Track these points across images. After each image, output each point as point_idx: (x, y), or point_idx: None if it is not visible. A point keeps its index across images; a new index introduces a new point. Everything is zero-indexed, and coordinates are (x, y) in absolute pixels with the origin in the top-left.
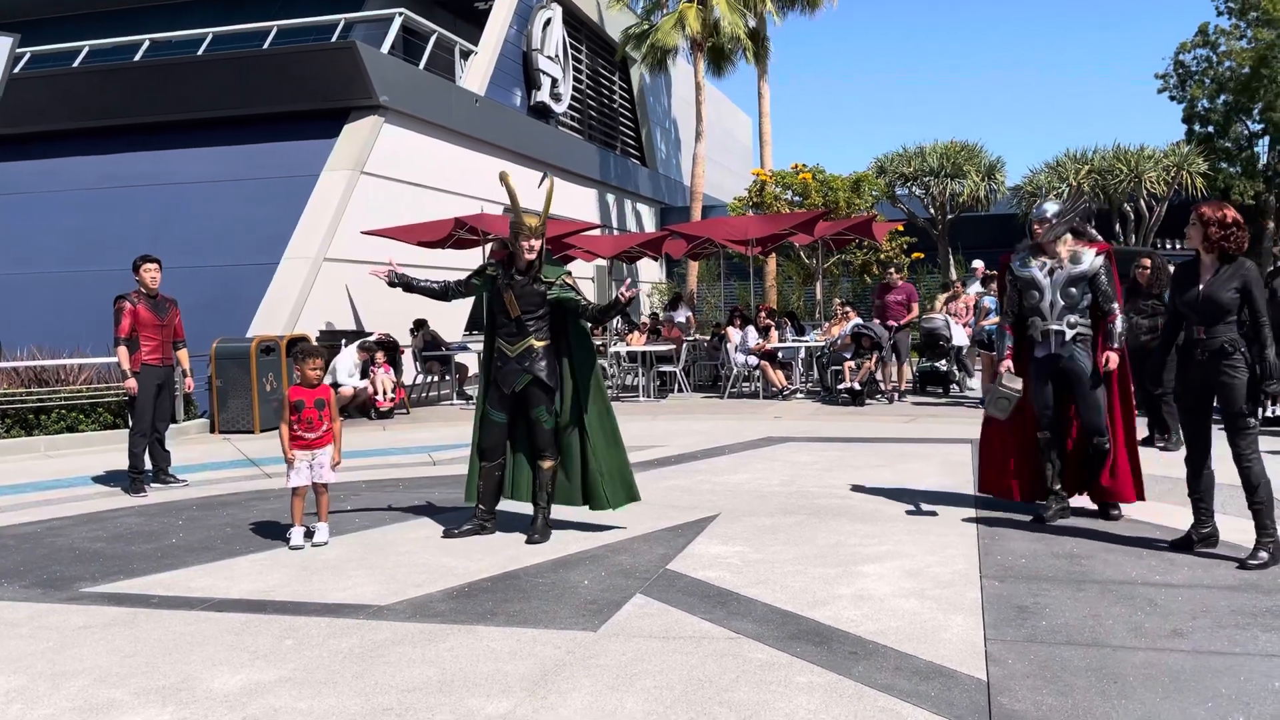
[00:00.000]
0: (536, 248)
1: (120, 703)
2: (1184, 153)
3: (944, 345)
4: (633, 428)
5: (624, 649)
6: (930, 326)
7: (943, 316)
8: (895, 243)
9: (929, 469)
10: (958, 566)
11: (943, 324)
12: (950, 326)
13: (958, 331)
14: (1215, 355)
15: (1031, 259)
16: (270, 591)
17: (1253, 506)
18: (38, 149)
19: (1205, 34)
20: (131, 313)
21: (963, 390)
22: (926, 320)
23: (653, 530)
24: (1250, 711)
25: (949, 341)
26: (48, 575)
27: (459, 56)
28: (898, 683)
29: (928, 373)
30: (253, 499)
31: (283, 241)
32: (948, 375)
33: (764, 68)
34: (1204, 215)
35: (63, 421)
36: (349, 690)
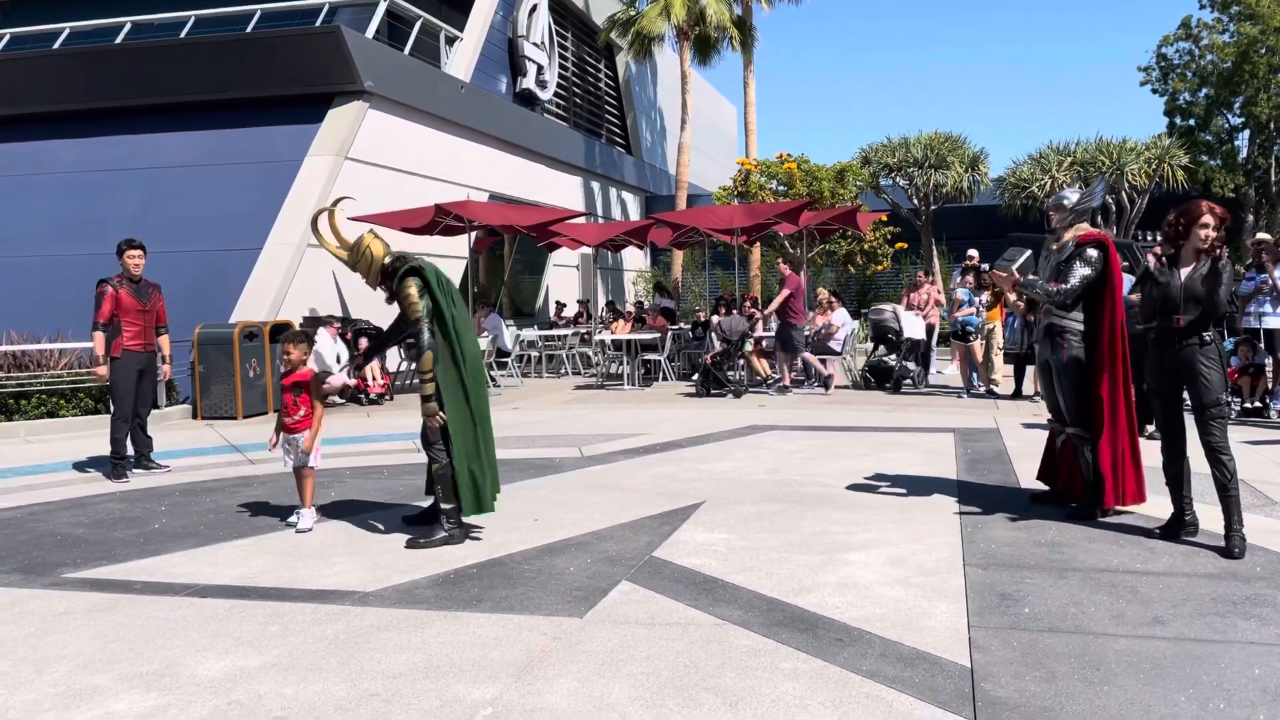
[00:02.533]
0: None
1: (103, 689)
2: (1165, 145)
3: (892, 339)
4: (618, 416)
5: (610, 635)
6: (877, 319)
7: (891, 308)
8: (879, 233)
9: (913, 458)
10: (941, 554)
11: (890, 316)
12: (900, 319)
13: (913, 324)
14: (1193, 345)
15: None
16: (254, 577)
17: (1222, 496)
18: (17, 132)
19: (1188, 27)
20: (113, 297)
21: (917, 385)
22: (874, 312)
23: (638, 518)
24: (1230, 698)
25: (898, 335)
26: (29, 561)
27: (444, 42)
28: (882, 669)
29: (875, 367)
30: (236, 485)
31: (266, 227)
32: (893, 370)
33: (750, 56)
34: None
35: (43, 406)
36: (334, 676)
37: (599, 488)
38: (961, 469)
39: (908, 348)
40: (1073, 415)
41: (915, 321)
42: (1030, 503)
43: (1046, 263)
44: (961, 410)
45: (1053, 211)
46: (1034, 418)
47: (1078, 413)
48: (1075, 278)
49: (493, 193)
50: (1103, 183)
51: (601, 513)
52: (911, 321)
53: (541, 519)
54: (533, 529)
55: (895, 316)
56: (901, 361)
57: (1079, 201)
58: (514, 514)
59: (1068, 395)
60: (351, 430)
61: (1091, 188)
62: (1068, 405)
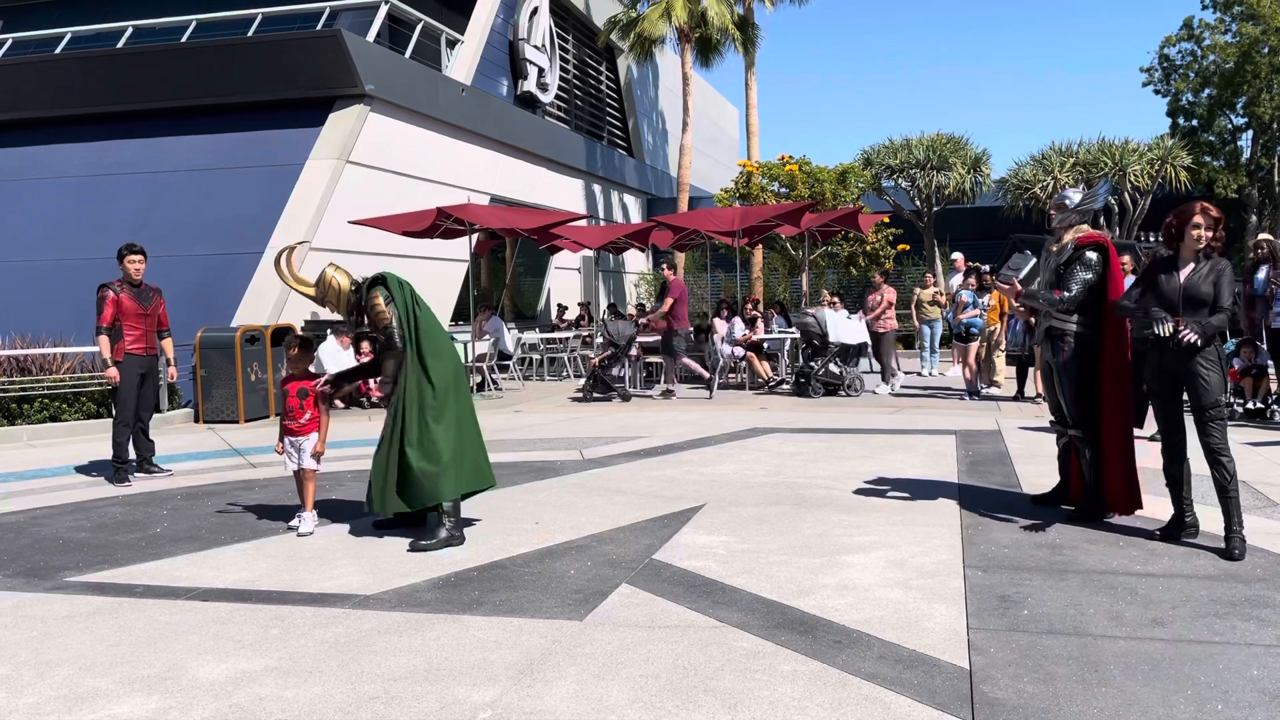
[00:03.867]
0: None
1: (105, 692)
2: (1168, 146)
3: (817, 344)
4: (619, 418)
5: (610, 638)
6: (800, 322)
7: (815, 313)
8: (881, 235)
9: (913, 460)
10: (941, 556)
11: (813, 320)
12: (826, 323)
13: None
14: (1190, 348)
15: (1054, 245)
16: (256, 581)
17: (1221, 497)
18: (20, 136)
19: (1190, 28)
20: (114, 302)
21: (848, 392)
22: (799, 315)
23: (638, 520)
24: (1229, 699)
25: (823, 339)
26: (31, 565)
27: (445, 45)
28: (881, 671)
29: (801, 372)
30: (238, 489)
31: (267, 230)
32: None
33: (752, 58)
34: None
35: (45, 411)
36: (335, 679)
37: (600, 491)
38: (963, 471)
39: (836, 352)
40: (1074, 417)
41: (851, 325)
42: (1031, 505)
43: (1045, 264)
44: (963, 412)
45: (1054, 210)
46: (1035, 420)
47: (1079, 415)
48: (1076, 284)
49: (494, 195)
50: (1107, 184)
51: (602, 516)
52: (845, 325)
53: (542, 522)
54: (533, 532)
55: (818, 321)
56: (826, 366)
57: (1081, 202)
58: (514, 517)
59: (1068, 397)
60: (353, 434)
61: (1095, 189)
62: (1069, 407)
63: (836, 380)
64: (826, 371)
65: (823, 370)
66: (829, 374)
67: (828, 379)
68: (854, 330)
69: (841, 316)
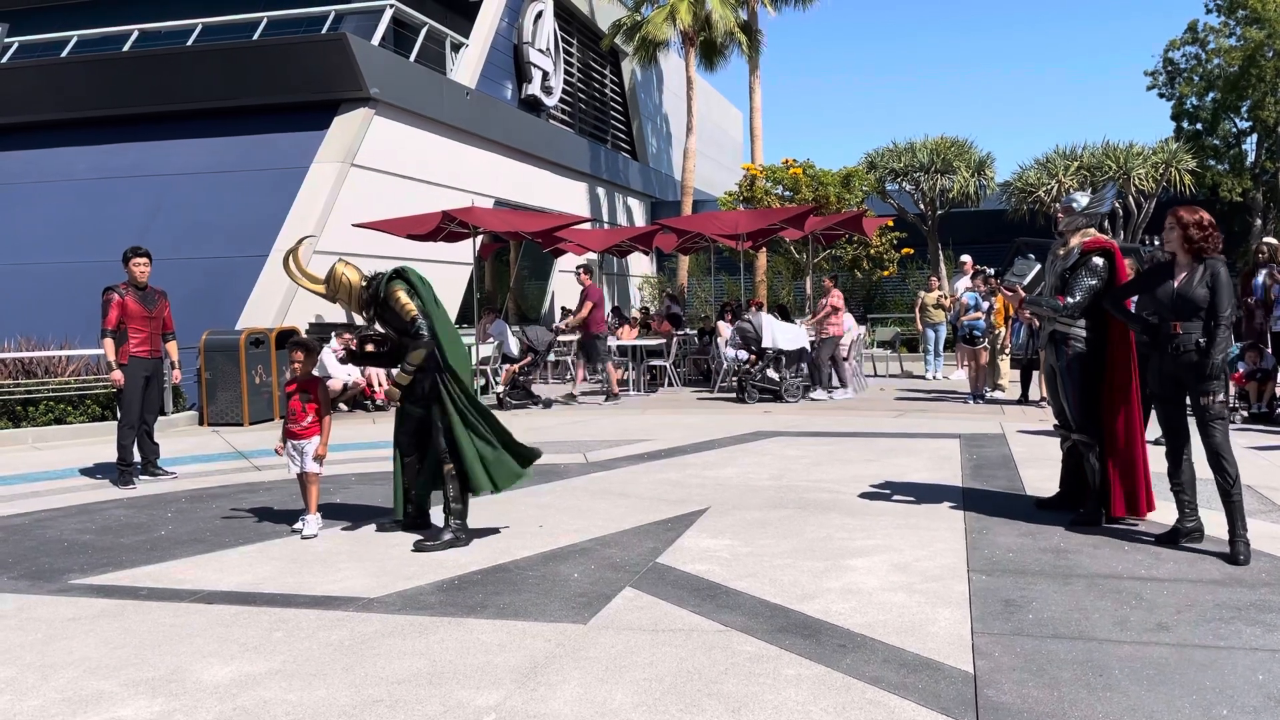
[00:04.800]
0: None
1: (110, 694)
2: (1173, 150)
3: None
4: (623, 421)
5: (614, 641)
6: (738, 327)
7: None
8: (885, 238)
9: (918, 464)
10: (945, 560)
11: (749, 326)
12: (763, 328)
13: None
14: (1189, 351)
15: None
16: (260, 583)
17: (1225, 501)
18: (26, 139)
19: (1195, 32)
20: (119, 305)
21: (784, 398)
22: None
23: (642, 524)
24: (1234, 704)
25: (759, 344)
26: (36, 567)
27: (450, 49)
28: (886, 675)
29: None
30: (242, 492)
31: (272, 233)
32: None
33: (756, 62)
34: (1182, 218)
35: (50, 413)
36: (339, 682)
37: (603, 494)
38: (967, 475)
39: (771, 357)
40: (1077, 421)
41: (789, 331)
42: (1035, 509)
43: (1051, 267)
44: (968, 416)
45: (1061, 214)
46: (1039, 424)
47: (1082, 418)
48: (1081, 291)
49: (498, 199)
50: (1114, 188)
51: (605, 519)
52: (782, 331)
53: (546, 525)
54: (537, 535)
55: (755, 326)
56: (764, 371)
57: (1088, 206)
58: (518, 520)
59: (1071, 401)
60: (357, 436)
61: (1102, 192)
62: (1072, 411)
63: (774, 386)
64: (764, 377)
65: (760, 376)
66: (766, 379)
67: (765, 384)
68: (792, 336)
69: (779, 322)
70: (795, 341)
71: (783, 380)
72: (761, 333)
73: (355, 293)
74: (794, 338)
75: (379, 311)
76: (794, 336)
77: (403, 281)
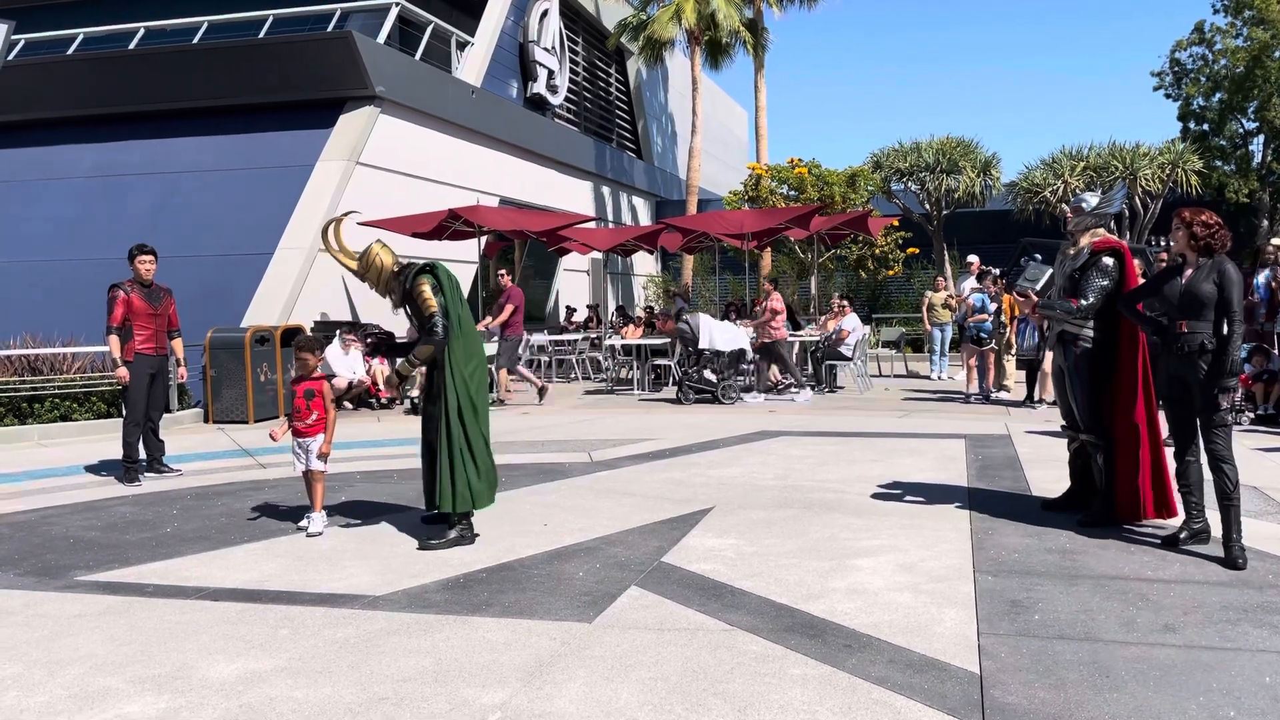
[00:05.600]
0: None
1: (116, 690)
2: (1179, 150)
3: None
4: (627, 421)
5: (619, 640)
6: (676, 327)
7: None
8: (890, 238)
9: (923, 464)
10: (951, 561)
11: (687, 328)
12: (700, 329)
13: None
14: (1194, 351)
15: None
16: (265, 581)
17: (1222, 505)
18: (32, 136)
19: (1201, 32)
20: (125, 302)
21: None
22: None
23: (647, 523)
24: (1240, 706)
25: (695, 344)
26: (42, 564)
27: (455, 47)
28: (891, 675)
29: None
30: (247, 489)
31: (278, 231)
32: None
33: (761, 61)
34: (1187, 218)
35: (56, 410)
36: (345, 680)
37: (608, 493)
38: (972, 475)
39: (708, 358)
40: (1085, 421)
41: (727, 333)
42: (1041, 510)
43: (1060, 268)
44: (973, 416)
45: (1071, 213)
46: (1045, 424)
47: (1090, 419)
48: (1094, 293)
49: (503, 197)
50: (1123, 188)
51: (610, 518)
52: (720, 332)
53: (550, 524)
54: (541, 534)
55: (692, 327)
56: (700, 372)
57: (1098, 206)
58: (523, 519)
59: (1080, 401)
60: (362, 435)
61: (1111, 193)
62: (1080, 411)
63: (711, 387)
64: (701, 378)
65: (697, 377)
66: (703, 381)
67: (701, 386)
68: (730, 337)
69: (718, 323)
70: (733, 343)
71: (720, 382)
72: (699, 333)
73: (385, 275)
74: (732, 339)
75: (404, 299)
76: (732, 337)
77: (430, 277)
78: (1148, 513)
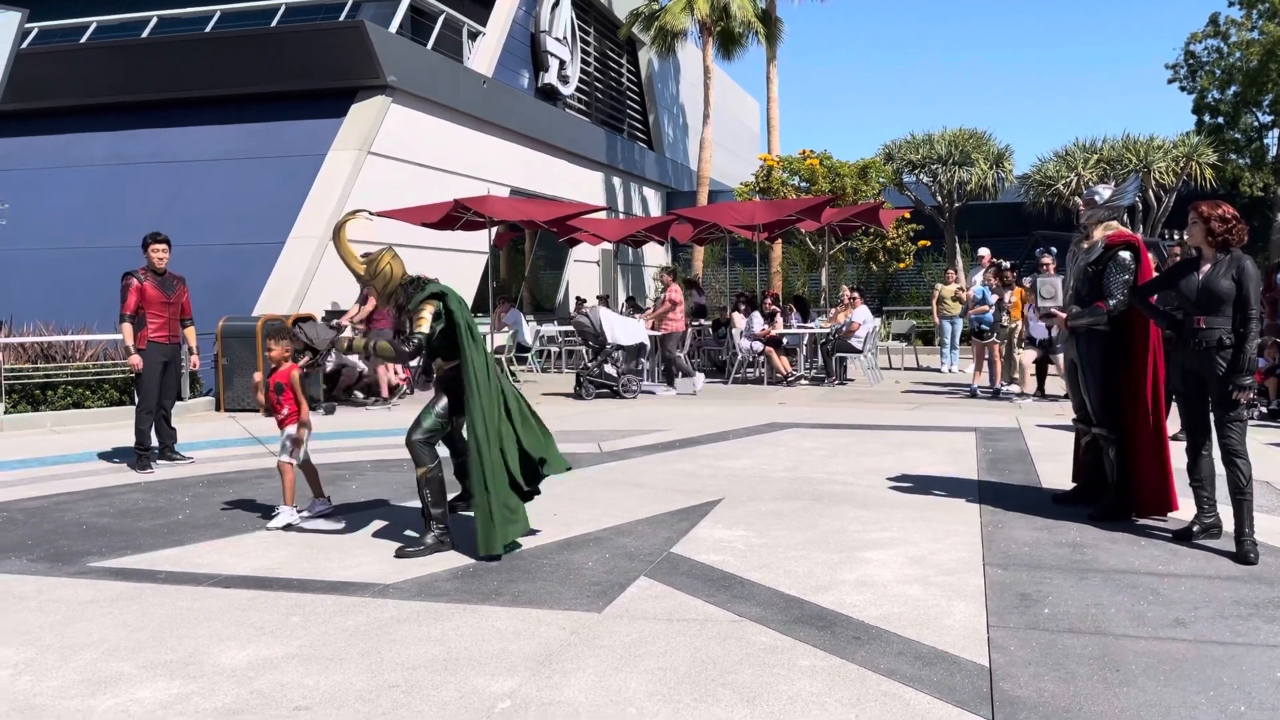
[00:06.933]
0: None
1: (128, 675)
2: (1193, 143)
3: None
4: (637, 412)
5: (628, 630)
6: (575, 321)
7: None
8: (902, 230)
9: (933, 457)
10: (961, 554)
11: (587, 321)
12: (601, 322)
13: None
14: (1211, 347)
15: (1083, 242)
16: (277, 568)
17: (1235, 499)
18: (44, 125)
19: (1216, 24)
20: (138, 290)
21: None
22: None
23: (656, 514)
24: (1251, 701)
25: (597, 339)
26: (55, 549)
27: (467, 37)
28: (900, 667)
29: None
30: (259, 477)
31: (289, 220)
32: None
33: (774, 51)
34: (1204, 212)
35: (69, 397)
36: (355, 667)
37: (617, 484)
38: (983, 468)
39: (610, 352)
40: (1098, 415)
41: (628, 326)
42: (1052, 503)
43: (1073, 262)
44: (983, 409)
45: (1083, 206)
46: (1056, 418)
47: (1103, 413)
48: (1120, 291)
49: (514, 188)
50: (1136, 181)
51: (620, 508)
52: (621, 326)
53: (560, 514)
54: (551, 524)
55: (593, 321)
56: (601, 367)
57: (1111, 198)
58: (533, 509)
59: (1093, 395)
60: (372, 424)
61: (1124, 185)
62: (1093, 405)
63: (611, 382)
64: (601, 373)
65: (597, 372)
66: (604, 375)
67: (602, 380)
68: (631, 331)
69: (619, 317)
70: (634, 337)
71: (620, 377)
72: (601, 328)
73: (391, 284)
74: (633, 333)
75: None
76: (633, 332)
77: (439, 302)
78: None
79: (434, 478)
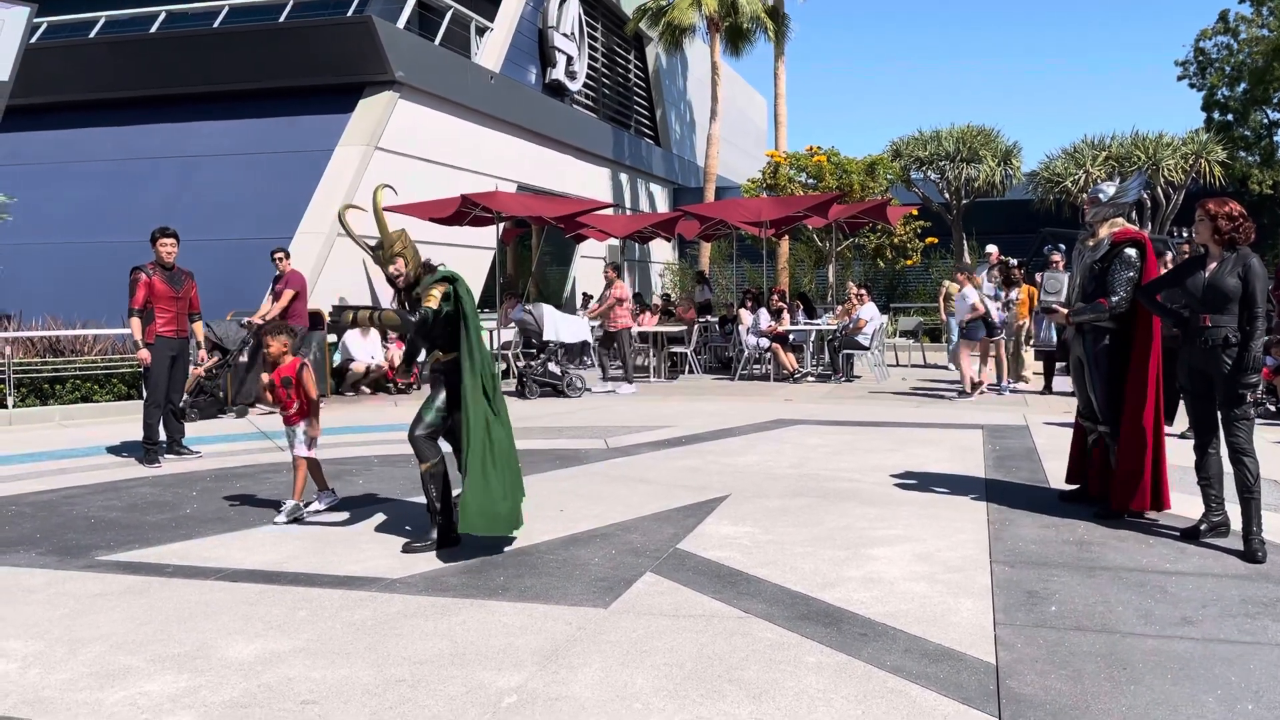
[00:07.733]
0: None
1: (136, 669)
2: (1202, 141)
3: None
4: (643, 408)
5: (634, 626)
6: (518, 319)
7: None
8: (909, 227)
9: (940, 454)
10: (968, 551)
11: (530, 319)
12: (544, 321)
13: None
14: (1218, 345)
15: (1089, 240)
16: (284, 563)
17: (1243, 498)
18: (53, 120)
19: (1226, 21)
20: (146, 284)
21: (567, 393)
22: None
23: (663, 510)
24: (1259, 699)
25: (540, 337)
26: (64, 543)
27: (474, 32)
28: (907, 664)
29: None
30: (266, 471)
31: (297, 216)
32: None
33: (781, 47)
34: (1211, 210)
35: (77, 391)
36: (362, 661)
37: (624, 480)
38: (989, 466)
39: (551, 351)
40: (1104, 413)
41: (570, 324)
42: (1059, 501)
43: (1080, 260)
44: (990, 407)
45: (1088, 204)
46: (1063, 415)
47: (1109, 410)
48: (1123, 287)
49: (521, 183)
50: (1140, 178)
51: (626, 504)
52: (564, 324)
53: (566, 510)
54: (557, 519)
55: (536, 319)
56: (545, 365)
57: (1115, 196)
58: (539, 504)
59: (1099, 392)
60: (379, 419)
61: (1128, 182)
62: (1099, 403)
63: (555, 380)
64: (545, 370)
65: (541, 370)
66: (547, 373)
67: (545, 378)
68: (573, 329)
69: (562, 315)
70: (577, 334)
71: (564, 375)
72: (543, 325)
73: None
74: (576, 330)
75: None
76: (576, 329)
77: (449, 285)
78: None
79: (438, 473)
